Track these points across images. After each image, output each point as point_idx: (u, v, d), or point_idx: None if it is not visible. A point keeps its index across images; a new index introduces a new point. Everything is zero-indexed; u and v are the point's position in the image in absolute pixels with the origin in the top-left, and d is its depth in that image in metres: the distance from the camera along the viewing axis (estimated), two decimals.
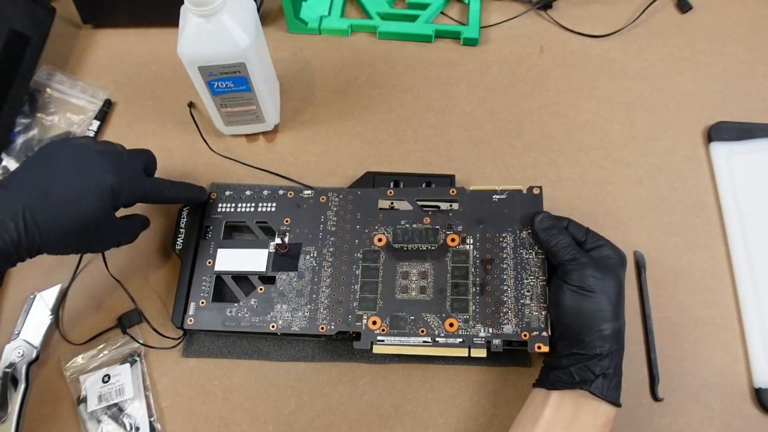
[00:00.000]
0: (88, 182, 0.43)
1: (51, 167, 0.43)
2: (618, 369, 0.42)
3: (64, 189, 0.42)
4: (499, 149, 0.59)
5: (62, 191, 0.42)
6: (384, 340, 0.47)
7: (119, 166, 0.45)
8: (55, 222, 0.42)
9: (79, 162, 0.44)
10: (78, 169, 0.44)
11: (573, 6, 0.67)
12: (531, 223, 0.48)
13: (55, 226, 0.42)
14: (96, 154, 0.45)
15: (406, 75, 0.64)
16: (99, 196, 0.43)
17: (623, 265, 0.46)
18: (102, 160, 0.45)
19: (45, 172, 0.43)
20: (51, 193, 0.42)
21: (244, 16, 0.49)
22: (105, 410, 0.49)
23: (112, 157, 0.45)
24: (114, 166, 0.45)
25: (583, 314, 0.43)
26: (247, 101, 0.54)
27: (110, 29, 0.67)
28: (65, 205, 0.42)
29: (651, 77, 0.63)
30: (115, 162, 0.45)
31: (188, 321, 0.50)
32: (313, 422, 0.49)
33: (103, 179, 0.43)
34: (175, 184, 0.51)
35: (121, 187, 0.44)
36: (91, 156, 0.45)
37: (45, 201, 0.42)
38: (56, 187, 0.42)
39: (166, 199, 0.50)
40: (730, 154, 0.57)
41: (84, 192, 0.43)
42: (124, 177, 0.45)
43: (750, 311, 0.51)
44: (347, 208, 0.53)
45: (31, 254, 0.42)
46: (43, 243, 0.42)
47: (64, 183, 0.43)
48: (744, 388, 0.49)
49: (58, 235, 0.42)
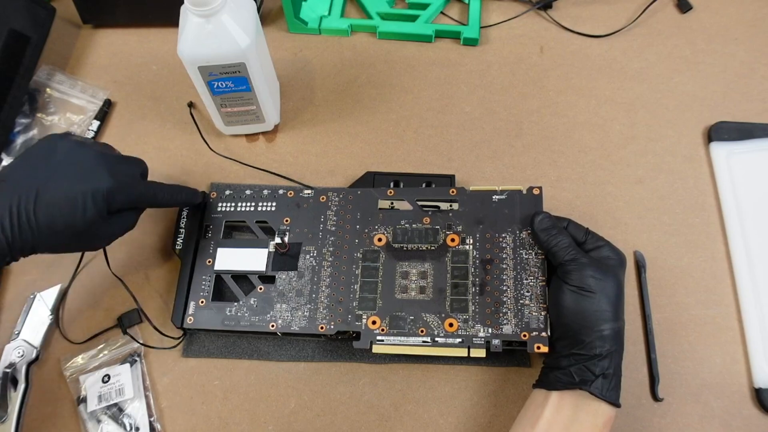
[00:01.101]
0: (83, 185, 0.43)
1: (48, 164, 0.43)
2: (618, 369, 0.42)
3: (59, 190, 0.42)
4: (499, 149, 0.59)
5: (57, 192, 0.42)
6: (383, 339, 0.47)
7: (116, 168, 0.45)
8: (49, 221, 0.41)
9: (77, 162, 0.44)
10: (74, 170, 0.43)
11: (573, 6, 0.67)
12: (531, 224, 0.48)
13: (47, 226, 0.41)
14: (94, 155, 0.45)
15: (406, 75, 0.64)
16: (93, 201, 0.43)
17: (623, 265, 0.46)
18: (99, 161, 0.44)
19: (42, 168, 0.43)
20: (46, 192, 0.42)
21: (244, 16, 0.49)
22: (105, 410, 0.49)
23: (109, 158, 0.45)
24: (111, 168, 0.44)
25: (583, 314, 0.43)
26: (247, 101, 0.54)
27: (110, 29, 0.67)
28: (58, 206, 0.42)
29: (651, 77, 0.63)
30: (113, 164, 0.45)
31: (188, 320, 0.50)
32: (313, 422, 0.49)
33: (99, 183, 0.43)
34: (170, 187, 0.50)
35: (116, 190, 0.44)
36: (89, 156, 0.44)
37: (40, 199, 0.41)
38: (51, 187, 0.42)
39: (160, 202, 0.50)
40: (730, 154, 0.57)
41: (79, 195, 0.42)
42: (120, 180, 0.44)
43: (750, 311, 0.51)
44: (347, 207, 0.53)
45: (24, 253, 0.42)
46: (36, 242, 0.42)
47: (59, 183, 0.42)
48: (744, 388, 0.49)
49: (50, 235, 0.42)
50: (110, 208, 0.44)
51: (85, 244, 0.47)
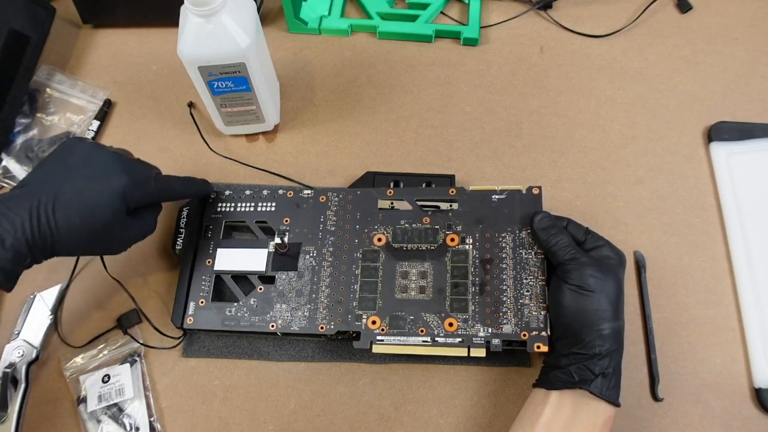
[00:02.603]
0: (99, 184, 0.43)
1: (66, 167, 0.44)
2: (617, 368, 0.42)
3: (76, 190, 0.43)
4: (499, 149, 0.59)
5: (74, 193, 0.42)
6: (383, 339, 0.47)
7: (131, 167, 0.46)
8: (67, 222, 0.42)
9: (93, 163, 0.44)
10: (91, 171, 0.44)
11: (573, 6, 0.67)
12: (530, 223, 0.48)
13: (66, 227, 0.42)
14: (109, 156, 0.45)
15: (406, 75, 0.64)
16: (109, 200, 0.43)
17: (623, 265, 0.46)
18: (114, 161, 0.45)
19: (60, 171, 0.44)
20: (63, 193, 0.42)
21: (244, 16, 0.49)
22: (105, 410, 0.49)
23: (124, 159, 0.46)
24: (126, 167, 0.45)
25: (583, 314, 0.43)
26: (247, 101, 0.54)
27: (110, 29, 0.67)
28: (75, 206, 0.42)
29: (651, 77, 0.63)
30: (127, 164, 0.46)
31: (188, 320, 0.50)
32: (313, 422, 0.49)
33: (115, 182, 0.44)
34: (183, 180, 0.51)
35: (132, 188, 0.44)
36: (104, 157, 0.45)
37: (58, 201, 0.42)
38: (68, 188, 0.43)
39: (176, 194, 0.50)
40: (730, 154, 0.57)
41: (95, 195, 0.43)
42: (134, 178, 0.45)
43: (750, 311, 0.51)
44: (347, 207, 0.53)
45: (45, 255, 0.43)
46: (55, 244, 0.42)
47: (75, 184, 0.43)
48: (744, 388, 0.49)
49: (69, 236, 0.42)
50: (128, 206, 0.45)
51: (104, 247, 0.47)
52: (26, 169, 0.59)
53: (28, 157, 0.59)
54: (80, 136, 0.47)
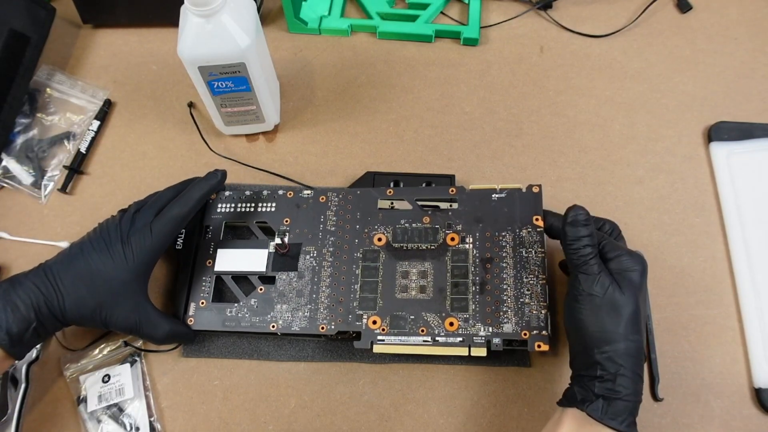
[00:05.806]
0: (93, 301, 0.45)
1: (77, 265, 0.46)
2: (627, 392, 0.39)
3: (75, 303, 0.45)
4: (499, 149, 0.59)
5: (74, 304, 0.45)
6: (384, 339, 0.47)
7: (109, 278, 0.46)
8: (75, 321, 0.46)
9: (91, 277, 0.45)
10: (88, 289, 0.45)
11: (573, 6, 0.67)
12: (564, 218, 0.44)
13: (73, 321, 0.46)
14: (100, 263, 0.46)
15: (406, 75, 0.64)
16: (102, 321, 0.46)
17: (645, 273, 0.43)
18: (98, 280, 0.45)
19: (69, 273, 0.45)
20: (68, 298, 0.45)
21: (244, 16, 0.49)
22: (105, 410, 0.49)
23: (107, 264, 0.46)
24: (106, 285, 0.45)
25: (589, 333, 0.41)
26: (247, 101, 0.54)
27: (110, 29, 0.67)
28: (81, 315, 0.45)
29: (651, 77, 0.63)
30: (109, 278, 0.46)
31: (188, 321, 0.50)
32: (313, 422, 0.49)
33: (102, 304, 0.45)
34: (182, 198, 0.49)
35: (113, 304, 0.46)
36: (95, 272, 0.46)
37: (64, 303, 0.45)
38: (71, 296, 0.45)
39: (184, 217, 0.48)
40: (730, 154, 0.57)
41: (89, 313, 0.45)
42: (114, 288, 0.46)
43: (750, 311, 0.51)
44: (347, 208, 0.53)
45: (56, 325, 0.45)
46: (65, 315, 0.45)
47: (76, 294, 0.45)
48: (744, 388, 0.49)
49: (73, 319, 0.45)
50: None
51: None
52: (26, 169, 0.59)
53: (28, 157, 0.59)
54: (111, 218, 0.49)
